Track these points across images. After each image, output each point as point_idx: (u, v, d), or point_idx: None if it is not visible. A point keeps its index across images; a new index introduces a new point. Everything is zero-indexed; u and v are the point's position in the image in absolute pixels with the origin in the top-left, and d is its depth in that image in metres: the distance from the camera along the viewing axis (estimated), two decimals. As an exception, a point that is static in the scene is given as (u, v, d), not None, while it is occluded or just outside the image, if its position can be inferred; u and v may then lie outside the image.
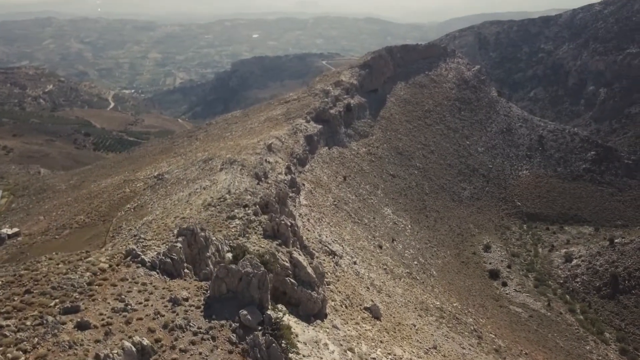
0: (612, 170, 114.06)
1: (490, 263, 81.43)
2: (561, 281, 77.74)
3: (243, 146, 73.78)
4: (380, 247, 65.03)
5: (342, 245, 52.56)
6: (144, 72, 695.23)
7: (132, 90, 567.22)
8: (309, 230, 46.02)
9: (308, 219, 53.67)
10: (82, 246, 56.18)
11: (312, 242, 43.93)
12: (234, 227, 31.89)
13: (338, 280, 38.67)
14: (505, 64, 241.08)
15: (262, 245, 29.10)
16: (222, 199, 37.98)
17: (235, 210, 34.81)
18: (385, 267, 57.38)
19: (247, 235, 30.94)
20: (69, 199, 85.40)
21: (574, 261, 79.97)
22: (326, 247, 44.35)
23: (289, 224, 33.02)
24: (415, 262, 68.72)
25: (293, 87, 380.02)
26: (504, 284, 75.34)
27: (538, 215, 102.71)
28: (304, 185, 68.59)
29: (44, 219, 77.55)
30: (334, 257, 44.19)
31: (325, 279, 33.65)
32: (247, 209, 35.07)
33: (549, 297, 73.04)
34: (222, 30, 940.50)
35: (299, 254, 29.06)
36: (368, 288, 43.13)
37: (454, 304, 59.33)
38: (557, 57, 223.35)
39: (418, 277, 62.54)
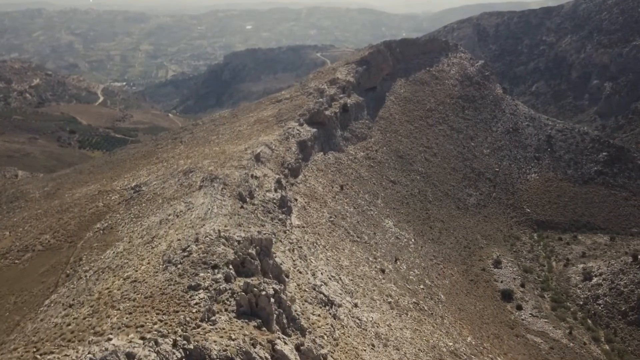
0: (626, 173, 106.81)
1: (501, 281, 74.27)
2: (581, 302, 70.69)
3: (228, 154, 66.22)
4: (383, 271, 57.71)
5: (340, 280, 45.17)
6: (136, 65, 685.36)
7: (124, 83, 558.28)
8: (300, 273, 38.70)
9: (301, 248, 46.21)
10: (37, 281, 48.88)
11: (305, 290, 36.62)
12: (196, 304, 24.32)
13: (337, 345, 31.38)
14: (505, 56, 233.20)
15: (233, 335, 21.69)
16: (186, 253, 30.43)
17: (201, 274, 27.14)
18: (389, 299, 50.08)
19: (212, 318, 23.45)
20: (39, 212, 77.73)
21: (594, 279, 72.89)
22: (322, 295, 37.08)
23: (271, 292, 25.58)
24: (422, 287, 61.44)
25: (287, 80, 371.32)
26: (519, 307, 68.21)
27: (549, 223, 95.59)
28: (296, 200, 61.10)
29: (10, 235, 70.19)
30: (332, 308, 36.89)
31: (322, 351, 26.30)
32: (216, 271, 27.41)
33: (569, 323, 66.00)
34: (214, 21, 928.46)
35: (285, 342, 21.66)
36: (373, 345, 35.88)
37: (468, 339, 52.14)
38: (560, 50, 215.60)
39: (426, 307, 55.28)
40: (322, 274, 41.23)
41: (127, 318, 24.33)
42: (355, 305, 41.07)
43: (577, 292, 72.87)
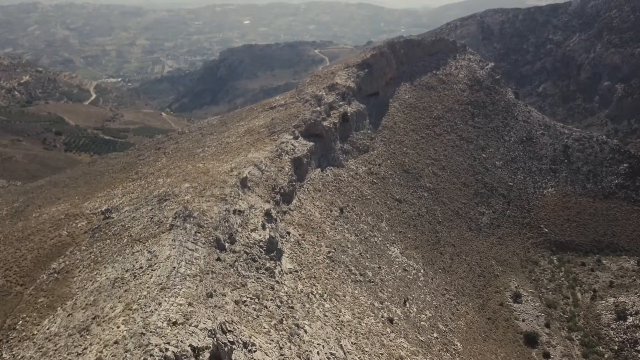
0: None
1: (523, 320, 65.51)
2: (616, 347, 61.99)
3: (212, 176, 57.25)
4: (391, 320, 48.89)
5: (341, 348, 36.33)
6: (132, 60, 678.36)
7: (119, 79, 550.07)
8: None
9: (292, 309, 37.36)
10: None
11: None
12: None
13: None
14: (510, 55, 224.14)
15: None
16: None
17: None
18: (400, 363, 41.29)
19: None
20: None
21: (630, 319, 64.19)
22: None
23: None
24: (435, 335, 52.71)
25: (284, 77, 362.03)
26: (546, 356, 59.46)
27: (569, 244, 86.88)
28: (288, 234, 52.20)
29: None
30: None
31: None
32: None
33: (605, 376, 57.61)
34: (211, 15, 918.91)
35: None
36: None
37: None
38: (568, 49, 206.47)
39: (442, 365, 46.55)
40: (318, 354, 32.50)
41: None
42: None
43: (611, 334, 64.19)
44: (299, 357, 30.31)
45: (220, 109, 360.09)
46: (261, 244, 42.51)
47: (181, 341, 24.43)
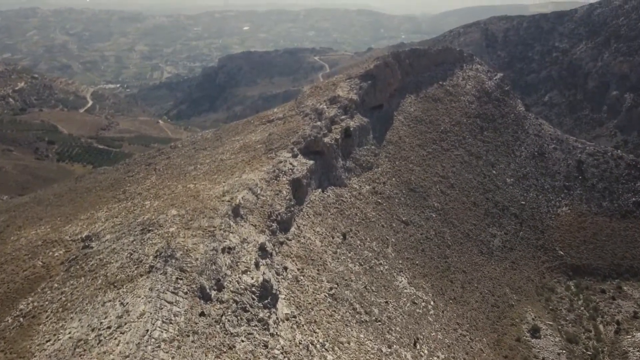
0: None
1: (543, 358, 59.88)
2: (647, 392, 56.65)
3: (202, 201, 51.65)
4: (401, 369, 43.30)
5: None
6: (130, 66, 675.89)
7: (117, 85, 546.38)
8: None
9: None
10: None
11: None
12: None
13: None
14: (515, 64, 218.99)
15: None
16: None
17: None
18: None
19: None
20: (-28, 264, 63.48)
21: (661, 359, 58.89)
22: None
23: None
24: (450, 383, 47.11)
25: (283, 84, 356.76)
26: (571, 402, 54.17)
27: (586, 267, 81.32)
28: (285, 270, 46.62)
29: None
30: None
31: None
32: None
33: None
34: (211, 21, 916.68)
35: None
36: None
37: None
38: (574, 57, 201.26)
39: None
40: None
41: None
42: None
43: (640, 376, 58.83)
44: None
45: (218, 116, 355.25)
46: (253, 288, 36.91)
47: None
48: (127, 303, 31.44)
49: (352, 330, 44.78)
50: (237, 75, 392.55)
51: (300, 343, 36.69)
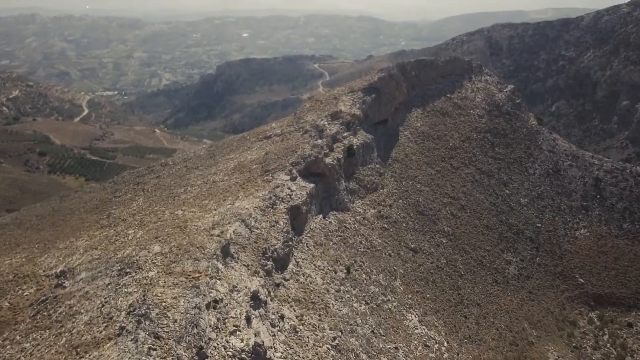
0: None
1: (571, 409, 53.92)
2: None
3: (189, 234, 45.45)
4: None
5: None
6: (129, 73, 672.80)
7: (115, 92, 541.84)
8: None
9: None
10: None
11: None
12: None
13: None
14: (520, 72, 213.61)
15: None
16: None
17: None
18: None
19: None
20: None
21: None
22: None
23: None
24: None
25: (282, 92, 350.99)
26: None
27: (608, 297, 75.11)
28: (282, 320, 40.46)
29: None
30: None
31: None
32: None
33: None
34: (210, 28, 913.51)
35: None
36: None
37: None
38: (582, 66, 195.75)
39: None
40: None
41: None
42: None
43: None
44: None
45: (216, 124, 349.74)
46: (243, 355, 30.78)
47: None
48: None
49: (359, 392, 38.63)
50: (235, 82, 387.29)
51: (299, 420, 30.54)
